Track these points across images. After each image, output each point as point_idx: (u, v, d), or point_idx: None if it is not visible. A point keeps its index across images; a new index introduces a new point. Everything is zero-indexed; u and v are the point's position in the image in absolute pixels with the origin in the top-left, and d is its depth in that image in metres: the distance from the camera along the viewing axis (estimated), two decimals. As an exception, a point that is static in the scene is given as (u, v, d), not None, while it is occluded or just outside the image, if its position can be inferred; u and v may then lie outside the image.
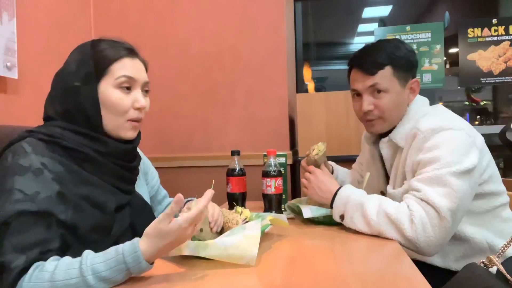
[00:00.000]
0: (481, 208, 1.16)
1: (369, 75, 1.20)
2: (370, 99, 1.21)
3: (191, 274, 0.81)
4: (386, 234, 1.04)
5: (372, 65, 1.20)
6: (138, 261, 0.74)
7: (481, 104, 5.13)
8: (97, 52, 0.92)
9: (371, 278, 0.80)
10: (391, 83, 1.19)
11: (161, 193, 1.25)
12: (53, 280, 0.72)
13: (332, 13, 5.14)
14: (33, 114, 1.55)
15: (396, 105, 1.21)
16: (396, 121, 1.23)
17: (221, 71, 2.02)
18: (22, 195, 0.77)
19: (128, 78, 0.91)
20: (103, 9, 2.09)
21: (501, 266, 0.81)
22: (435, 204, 1.00)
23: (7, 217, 0.75)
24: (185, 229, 0.77)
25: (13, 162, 0.80)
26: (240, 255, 0.86)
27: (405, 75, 1.21)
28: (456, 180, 1.02)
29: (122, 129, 0.93)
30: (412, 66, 1.23)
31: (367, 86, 1.21)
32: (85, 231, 0.84)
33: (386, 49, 1.21)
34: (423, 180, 1.06)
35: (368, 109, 1.21)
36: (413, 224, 1.01)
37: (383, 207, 1.06)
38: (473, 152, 1.08)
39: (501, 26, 2.26)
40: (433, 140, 1.10)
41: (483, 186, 1.14)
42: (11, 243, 0.74)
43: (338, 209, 1.15)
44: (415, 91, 1.24)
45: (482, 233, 1.15)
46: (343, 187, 1.18)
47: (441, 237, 1.01)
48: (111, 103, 0.90)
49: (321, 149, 1.31)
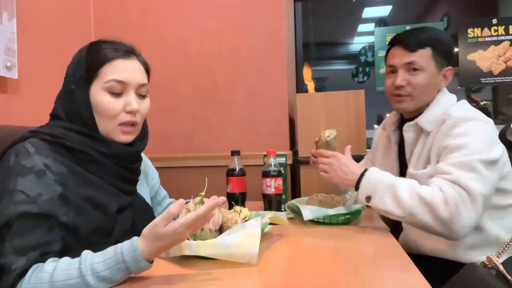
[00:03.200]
0: (497, 204, 1.17)
1: (409, 52, 1.25)
2: (405, 75, 1.26)
3: (191, 274, 0.81)
4: (419, 216, 1.05)
5: (414, 43, 1.24)
6: (137, 259, 0.74)
7: (481, 104, 5.12)
8: (90, 55, 0.91)
9: (371, 278, 0.80)
10: (428, 64, 1.24)
11: (161, 194, 1.25)
12: (52, 281, 0.72)
13: (332, 13, 5.14)
14: (33, 114, 1.55)
15: (428, 85, 1.25)
16: (423, 103, 1.26)
17: (221, 71, 2.02)
18: (24, 196, 0.77)
19: (117, 82, 0.89)
20: (103, 9, 2.09)
21: (501, 266, 0.81)
22: (467, 186, 1.02)
23: (9, 218, 0.75)
24: (180, 233, 0.77)
25: (15, 162, 0.80)
26: (241, 253, 0.86)
27: (442, 60, 1.25)
28: (484, 168, 1.05)
29: (114, 133, 0.91)
30: (451, 54, 1.27)
31: (404, 62, 1.25)
32: (86, 233, 0.84)
33: (430, 32, 1.26)
34: (452, 164, 1.08)
35: (401, 84, 1.25)
36: (448, 205, 1.02)
37: (417, 190, 1.07)
38: (498, 145, 1.11)
39: (501, 26, 2.26)
40: (463, 127, 1.12)
41: (501, 182, 1.16)
42: (12, 244, 0.74)
43: (365, 190, 1.15)
44: (448, 79, 1.28)
45: (494, 227, 1.16)
46: (370, 168, 1.19)
47: (473, 219, 1.02)
48: (100, 107, 0.89)
49: (332, 132, 1.31)
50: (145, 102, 0.96)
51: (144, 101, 0.96)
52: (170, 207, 0.77)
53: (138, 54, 0.97)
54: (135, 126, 0.93)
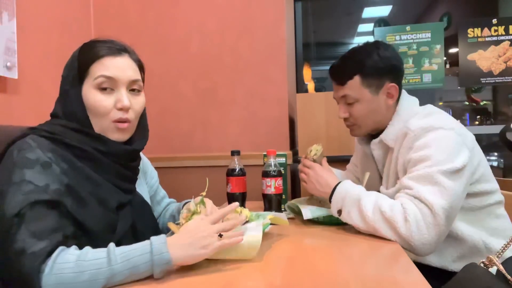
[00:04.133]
0: (474, 206, 1.16)
1: (340, 86, 1.25)
2: (346, 107, 1.27)
3: (191, 275, 0.81)
4: (381, 231, 1.03)
5: (341, 75, 1.24)
6: (162, 250, 0.76)
7: (481, 104, 5.13)
8: (81, 54, 0.91)
9: (371, 278, 0.80)
10: (360, 92, 1.22)
11: (160, 194, 1.25)
12: (79, 259, 0.73)
13: (332, 13, 5.14)
14: (33, 114, 1.55)
15: (370, 112, 1.23)
16: (375, 126, 1.26)
17: (221, 71, 2.02)
18: (33, 186, 0.77)
19: (107, 78, 0.88)
20: (103, 9, 2.08)
21: (501, 266, 0.81)
22: (428, 201, 1.00)
23: (20, 208, 0.74)
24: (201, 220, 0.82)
25: (20, 156, 0.80)
26: (241, 257, 0.87)
27: (377, 82, 1.22)
28: (447, 179, 1.03)
29: (108, 131, 0.91)
30: (387, 70, 1.22)
31: (339, 96, 1.27)
32: (90, 225, 0.84)
33: (355, 58, 1.24)
34: (414, 178, 1.06)
35: (344, 116, 1.28)
36: (407, 222, 1.00)
37: (379, 204, 1.06)
38: (463, 151, 1.08)
39: (501, 26, 2.26)
40: (424, 139, 1.10)
41: (475, 185, 1.15)
42: (30, 230, 0.74)
43: (336, 203, 1.15)
44: (393, 96, 1.23)
45: (477, 232, 1.15)
46: (342, 182, 1.18)
47: (435, 235, 1.00)
48: (91, 105, 0.89)
49: (318, 149, 1.32)
50: (139, 99, 0.95)
51: (137, 97, 0.95)
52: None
53: (131, 51, 0.97)
54: (128, 123, 0.92)
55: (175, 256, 0.77)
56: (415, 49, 2.28)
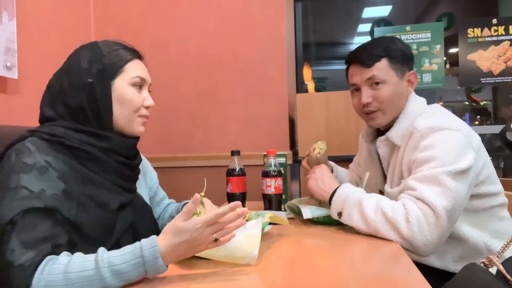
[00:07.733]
0: (478, 207, 1.16)
1: (366, 68, 1.23)
2: (369, 91, 1.23)
3: (191, 274, 0.81)
4: (383, 232, 1.03)
5: (368, 58, 1.23)
6: (155, 255, 0.74)
7: (481, 104, 5.13)
8: (111, 51, 0.95)
9: (371, 278, 0.80)
10: (388, 74, 1.22)
11: (160, 195, 1.25)
12: (67, 271, 0.72)
13: (332, 13, 5.14)
14: (33, 114, 1.54)
15: (395, 95, 1.22)
16: (396, 114, 1.24)
17: (221, 71, 2.02)
18: (28, 192, 0.77)
19: (141, 78, 0.97)
20: (103, 9, 2.08)
21: (501, 266, 0.81)
22: (431, 202, 1.00)
23: (13, 215, 0.74)
24: (198, 229, 0.77)
25: (17, 160, 0.80)
26: (241, 256, 0.86)
27: (401, 67, 1.24)
28: (451, 180, 1.02)
29: (135, 123, 0.97)
30: (408, 58, 1.25)
31: (365, 79, 1.23)
32: (88, 229, 0.84)
33: (381, 43, 1.25)
34: (418, 179, 1.06)
35: (367, 101, 1.23)
36: (409, 223, 1.00)
37: (381, 205, 1.06)
38: (469, 153, 1.08)
39: (501, 26, 2.26)
40: (430, 139, 1.10)
41: (479, 187, 1.14)
42: (20, 240, 0.74)
43: (336, 206, 1.15)
44: (413, 83, 1.26)
45: (480, 234, 1.15)
46: (342, 185, 1.19)
47: (437, 236, 1.00)
48: (127, 100, 0.94)
49: (322, 148, 1.32)
50: None
51: None
52: (188, 204, 0.79)
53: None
54: (147, 120, 1.01)
55: (168, 263, 0.78)
56: (415, 49, 2.28)
